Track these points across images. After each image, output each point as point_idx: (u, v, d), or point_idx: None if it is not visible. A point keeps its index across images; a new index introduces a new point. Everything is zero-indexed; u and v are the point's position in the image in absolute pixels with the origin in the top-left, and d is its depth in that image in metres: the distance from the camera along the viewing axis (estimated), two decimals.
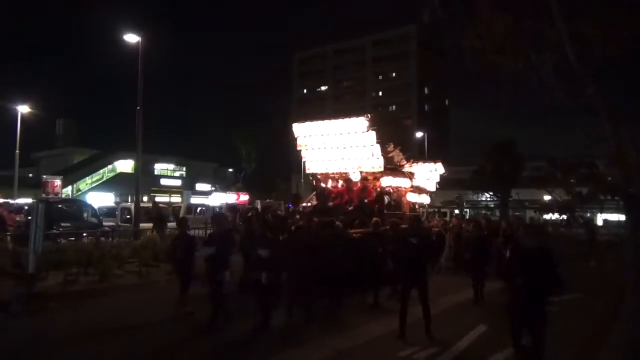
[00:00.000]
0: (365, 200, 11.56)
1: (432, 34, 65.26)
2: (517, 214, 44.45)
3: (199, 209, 24.66)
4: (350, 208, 11.58)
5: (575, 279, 12.59)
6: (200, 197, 40.42)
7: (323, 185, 13.15)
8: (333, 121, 11.91)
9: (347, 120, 11.60)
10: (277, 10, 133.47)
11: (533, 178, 36.06)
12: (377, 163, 11.48)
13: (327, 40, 73.49)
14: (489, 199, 42.90)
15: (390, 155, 12.72)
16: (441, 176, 14.92)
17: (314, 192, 13.94)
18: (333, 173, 12.58)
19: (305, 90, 77.97)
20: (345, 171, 12.17)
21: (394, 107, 67.71)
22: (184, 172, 56.00)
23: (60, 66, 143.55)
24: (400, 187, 12.73)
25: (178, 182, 53.06)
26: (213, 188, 47.65)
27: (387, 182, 11.99)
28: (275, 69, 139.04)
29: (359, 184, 12.02)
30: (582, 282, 12.06)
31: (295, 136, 12.54)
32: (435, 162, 14.72)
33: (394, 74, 70.49)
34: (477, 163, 39.53)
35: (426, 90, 69.56)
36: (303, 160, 12.86)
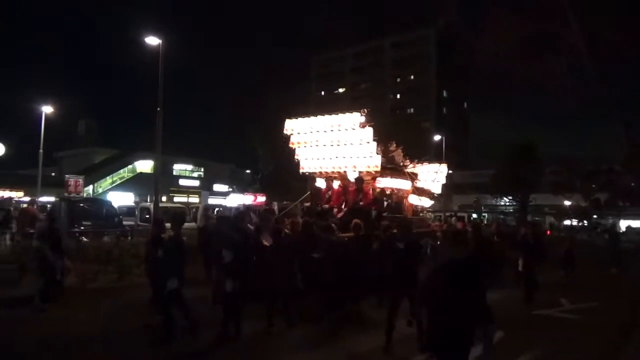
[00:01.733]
0: (361, 202, 10.67)
1: (451, 36, 65.06)
2: (536, 219, 43.82)
3: (216, 209, 24.91)
4: (343, 210, 10.70)
5: (596, 286, 12.43)
6: (217, 197, 40.73)
7: (318, 185, 12.34)
8: (326, 116, 10.94)
9: (341, 115, 10.65)
10: (295, 13, 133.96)
11: (551, 183, 35.60)
12: (373, 162, 10.49)
13: (345, 42, 73.55)
14: (507, 204, 42.34)
15: (392, 155, 12.11)
16: (450, 179, 14.55)
17: (308, 193, 13.25)
18: (327, 172, 11.69)
19: (322, 93, 78.08)
20: (340, 170, 11.25)
21: (412, 109, 67.37)
22: (202, 173, 56.49)
23: (83, 68, 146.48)
24: (402, 189, 11.99)
25: (196, 183, 53.57)
26: (230, 189, 48.00)
27: (385, 183, 11.25)
28: (293, 71, 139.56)
29: (354, 185, 11.16)
30: (602, 289, 11.86)
31: (288, 133, 11.62)
32: (440, 163, 13.95)
33: (412, 77, 70.18)
34: (496, 167, 39.06)
35: (445, 93, 69.07)
36: (297, 158, 11.93)
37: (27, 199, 28.60)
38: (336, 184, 11.74)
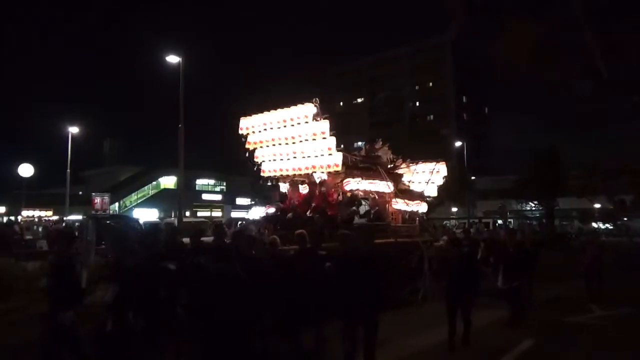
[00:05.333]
0: (326, 209, 9.30)
1: (467, 42, 64.69)
2: (564, 223, 42.85)
3: (239, 222, 25.12)
4: (301, 219, 9.12)
5: (625, 291, 12.04)
6: (240, 211, 41.04)
7: (282, 191, 11.02)
8: (279, 111, 9.55)
9: (293, 108, 9.30)
10: (309, 26, 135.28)
11: (575, 186, 34.86)
12: (333, 160, 9.07)
13: (361, 52, 73.88)
14: (533, 209, 41.56)
15: (376, 153, 10.95)
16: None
17: (274, 201, 11.77)
18: (290, 175, 10.29)
19: (341, 103, 78.31)
20: (301, 172, 9.81)
21: (431, 117, 67.05)
22: (224, 187, 57.08)
23: (107, 88, 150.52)
24: (380, 191, 10.31)
25: (219, 197, 54.13)
26: (252, 202, 48.33)
27: (355, 185, 9.62)
28: (310, 82, 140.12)
29: (312, 189, 9.88)
30: (634, 294, 11.45)
31: (244, 133, 10.28)
32: (437, 162, 12.25)
33: (430, 84, 69.92)
34: (519, 172, 38.49)
35: (464, 99, 68.58)
36: (257, 161, 10.55)
37: (56, 217, 29.33)
38: (304, 189, 10.53)
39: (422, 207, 11.52)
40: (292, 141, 9.48)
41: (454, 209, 44.35)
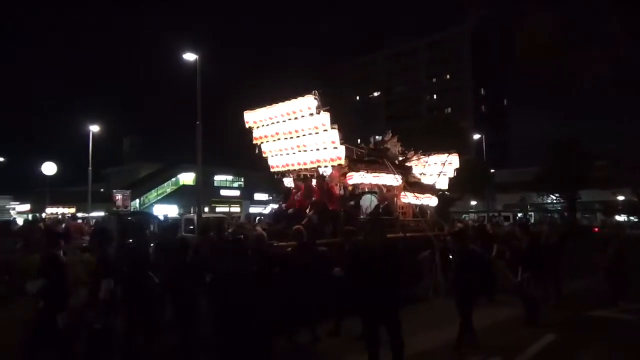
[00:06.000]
0: (327, 204, 8.97)
1: (486, 33, 63.66)
2: (586, 216, 42.09)
3: (257, 218, 25.20)
4: (308, 214, 8.83)
5: None
6: (258, 206, 41.27)
7: (287, 186, 10.89)
8: (280, 104, 9.41)
9: (293, 100, 9.14)
10: (323, 20, 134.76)
11: (598, 178, 34.11)
12: (336, 153, 8.86)
13: (377, 45, 73.34)
14: (555, 201, 40.85)
15: (385, 146, 10.67)
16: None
17: (282, 195, 11.63)
18: (296, 170, 10.14)
19: (357, 98, 77.95)
20: (306, 166, 9.65)
21: (449, 110, 66.30)
22: (242, 183, 57.38)
23: (126, 86, 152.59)
24: (387, 185, 10.00)
25: (237, 193, 54.44)
26: (270, 197, 48.49)
27: (359, 179, 9.33)
28: (327, 77, 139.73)
29: (316, 183, 9.67)
30: None
31: (249, 127, 10.22)
32: (449, 153, 11.84)
33: (448, 76, 69.12)
34: (539, 164, 37.83)
35: (483, 91, 67.65)
36: (264, 156, 10.48)
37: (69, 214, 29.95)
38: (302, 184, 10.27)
39: (432, 201, 11.14)
40: (295, 135, 9.39)
41: (474, 203, 43.88)
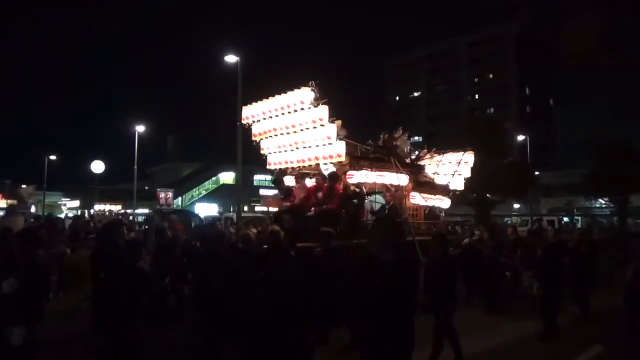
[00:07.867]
0: (325, 205, 8.40)
1: (530, 32, 61.69)
2: (638, 221, 40.02)
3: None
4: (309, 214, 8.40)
5: None
6: None
7: (287, 185, 10.22)
8: (277, 97, 8.85)
9: (289, 93, 8.57)
10: (363, 18, 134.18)
11: None
12: (335, 150, 8.30)
13: (418, 44, 72.36)
14: (603, 205, 39.07)
15: (395, 143, 9.98)
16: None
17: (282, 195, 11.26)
18: (295, 168, 9.55)
19: (397, 97, 77.25)
20: (304, 164, 9.06)
21: (492, 110, 64.64)
22: None
23: (170, 87, 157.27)
24: (395, 184, 9.25)
25: (275, 192, 54.88)
26: None
27: (361, 177, 8.56)
28: (367, 78, 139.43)
29: (314, 182, 9.14)
30: None
31: (248, 123, 9.71)
32: (464, 151, 11.09)
33: (491, 75, 67.40)
34: (588, 166, 36.25)
35: (527, 91, 65.57)
36: (263, 153, 9.92)
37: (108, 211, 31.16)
38: (304, 182, 9.87)
39: (444, 203, 10.38)
40: (293, 130, 8.78)
41: (516, 206, 42.58)
